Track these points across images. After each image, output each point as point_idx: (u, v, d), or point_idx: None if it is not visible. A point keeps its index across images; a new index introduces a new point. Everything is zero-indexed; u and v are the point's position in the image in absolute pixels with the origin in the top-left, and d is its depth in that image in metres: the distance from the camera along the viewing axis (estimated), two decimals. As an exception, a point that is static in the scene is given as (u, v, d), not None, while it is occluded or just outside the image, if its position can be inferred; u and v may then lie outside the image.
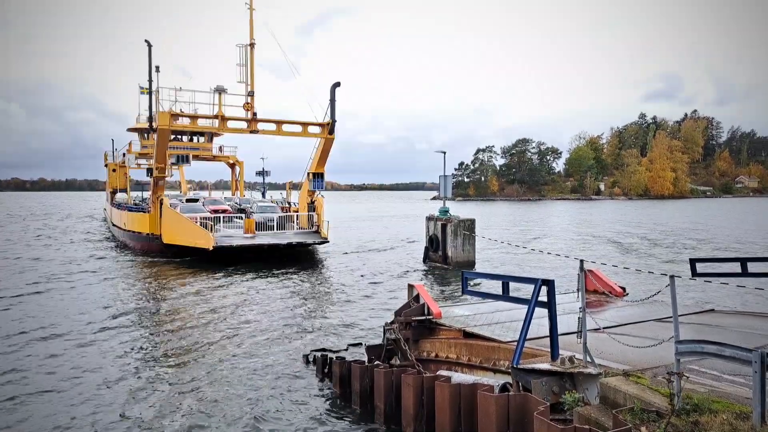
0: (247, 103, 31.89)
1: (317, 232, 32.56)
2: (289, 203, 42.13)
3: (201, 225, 29.59)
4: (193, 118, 31.14)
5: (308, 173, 34.01)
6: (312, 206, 33.92)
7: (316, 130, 32.37)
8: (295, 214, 34.91)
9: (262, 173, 61.04)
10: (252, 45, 32.62)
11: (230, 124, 31.55)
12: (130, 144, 55.87)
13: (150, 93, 33.14)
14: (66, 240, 42.16)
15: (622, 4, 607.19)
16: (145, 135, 54.43)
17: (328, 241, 31.72)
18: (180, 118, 30.64)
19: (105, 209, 65.67)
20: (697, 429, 5.29)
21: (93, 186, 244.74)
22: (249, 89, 32.08)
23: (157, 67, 34.09)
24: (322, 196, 34.32)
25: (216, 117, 31.07)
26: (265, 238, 29.95)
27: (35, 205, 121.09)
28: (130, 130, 58.11)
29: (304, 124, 32.13)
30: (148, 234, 32.46)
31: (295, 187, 44.24)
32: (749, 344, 6.06)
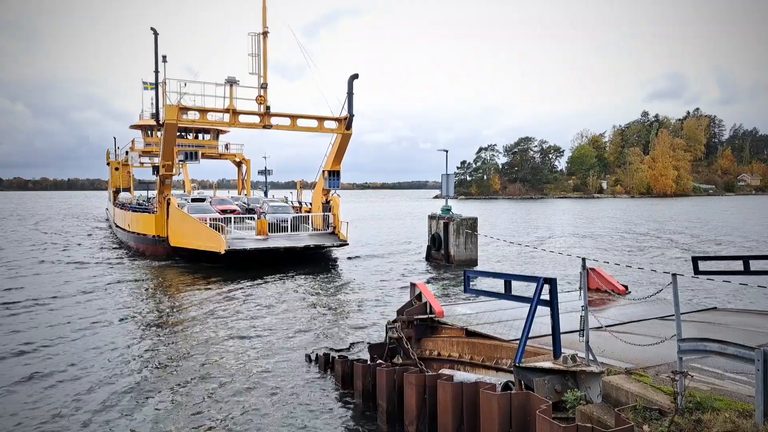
0: (260, 96, 29.85)
1: (333, 233, 30.72)
2: (299, 202, 40.34)
3: (211, 226, 27.64)
4: (203, 111, 28.92)
5: (323, 171, 32.20)
6: (327, 206, 31.96)
7: (333, 125, 30.85)
8: (310, 214, 32.90)
9: (265, 172, 60.73)
10: (265, 33, 30.52)
11: (242, 118, 29.68)
12: (133, 142, 54.34)
13: (156, 85, 30.79)
14: (66, 243, 40.34)
15: (626, 3, 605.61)
16: (149, 132, 53.22)
17: (347, 244, 29.69)
18: (188, 112, 28.87)
19: (107, 209, 64.16)
20: (699, 427, 5.29)
21: (95, 185, 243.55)
22: (262, 81, 30.08)
23: (164, 57, 30.89)
24: (338, 195, 32.45)
25: (227, 111, 28.99)
26: (279, 241, 28.14)
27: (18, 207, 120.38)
28: (133, 127, 56.57)
29: (320, 119, 30.60)
30: (154, 236, 30.79)
31: (306, 185, 42.77)
32: (752, 342, 6.05)
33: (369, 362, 10.35)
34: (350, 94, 30.50)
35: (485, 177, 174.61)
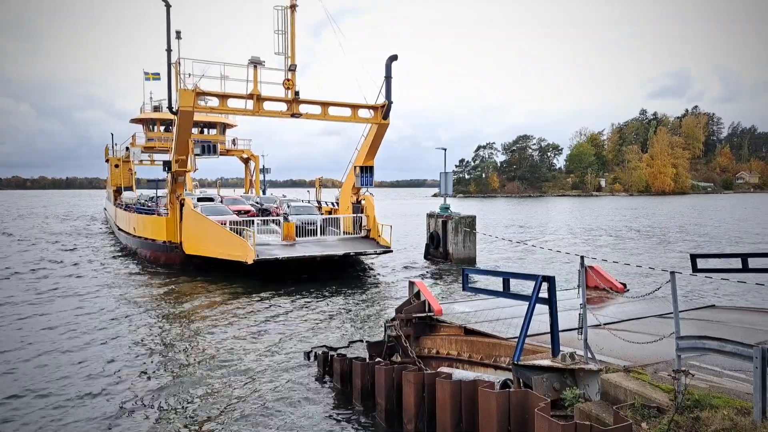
0: (288, 80, 26.01)
1: (368, 237, 27.53)
2: (319, 202, 36.90)
3: (233, 231, 23.90)
4: (223, 97, 25.04)
5: (354, 166, 29.01)
6: (358, 206, 28.78)
7: (367, 114, 27.76)
8: (341, 216, 29.32)
9: (263, 170, 60.12)
10: (293, 7, 26.51)
11: (267, 105, 26.09)
12: (133, 137, 51.02)
13: (168, 65, 26.19)
14: (64, 248, 36.17)
15: (626, 3, 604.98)
16: (151, 126, 50.32)
17: (391, 251, 26.28)
18: (206, 98, 25.14)
19: (105, 209, 61.53)
20: (697, 425, 5.29)
21: (94, 184, 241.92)
22: (290, 63, 26.11)
23: (178, 33, 25.89)
24: (371, 193, 29.10)
25: (250, 96, 25.32)
26: (310, 248, 24.58)
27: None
28: (133, 121, 52.86)
29: (354, 107, 27.53)
30: (165, 242, 27.17)
31: (325, 184, 39.93)
32: (750, 340, 6.06)
33: (368, 361, 10.35)
34: (388, 78, 27.14)
35: (484, 175, 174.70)
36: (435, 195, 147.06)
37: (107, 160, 56.39)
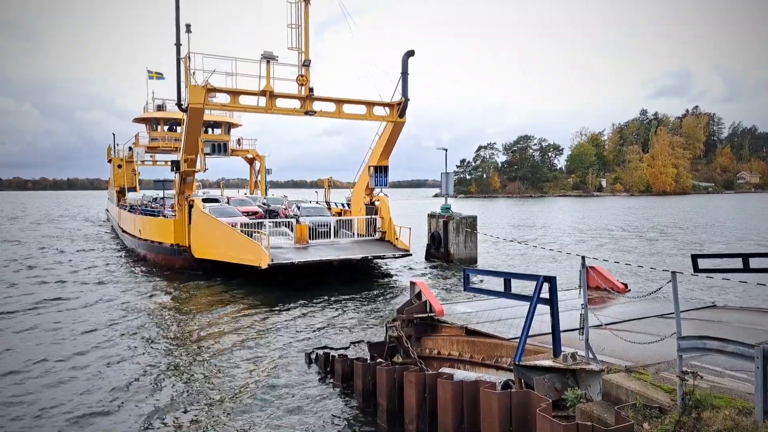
0: (302, 76, 25.25)
1: (383, 239, 26.74)
2: (327, 203, 36.44)
3: (243, 233, 22.98)
4: (234, 94, 24.18)
5: (368, 166, 28.31)
6: (372, 207, 28.10)
7: (383, 111, 27.05)
8: (354, 218, 28.60)
9: (264, 171, 59.84)
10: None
11: (279, 102, 25.28)
12: (136, 136, 50.13)
13: (177, 60, 25.07)
14: (66, 250, 35.23)
15: (626, 3, 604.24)
16: (154, 126, 49.48)
17: (410, 254, 25.26)
18: (217, 95, 24.38)
19: (107, 210, 61.22)
20: (699, 425, 5.30)
21: (95, 185, 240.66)
22: (303, 58, 25.36)
23: (188, 26, 24.66)
24: (386, 194, 28.41)
25: (263, 93, 24.45)
26: (324, 250, 23.85)
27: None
28: (136, 120, 51.53)
29: (369, 104, 26.82)
30: (172, 245, 26.30)
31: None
32: (751, 340, 6.06)
33: (369, 361, 10.36)
34: (405, 74, 26.42)
35: (485, 175, 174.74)
36: (436, 195, 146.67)
37: (110, 161, 55.54)
